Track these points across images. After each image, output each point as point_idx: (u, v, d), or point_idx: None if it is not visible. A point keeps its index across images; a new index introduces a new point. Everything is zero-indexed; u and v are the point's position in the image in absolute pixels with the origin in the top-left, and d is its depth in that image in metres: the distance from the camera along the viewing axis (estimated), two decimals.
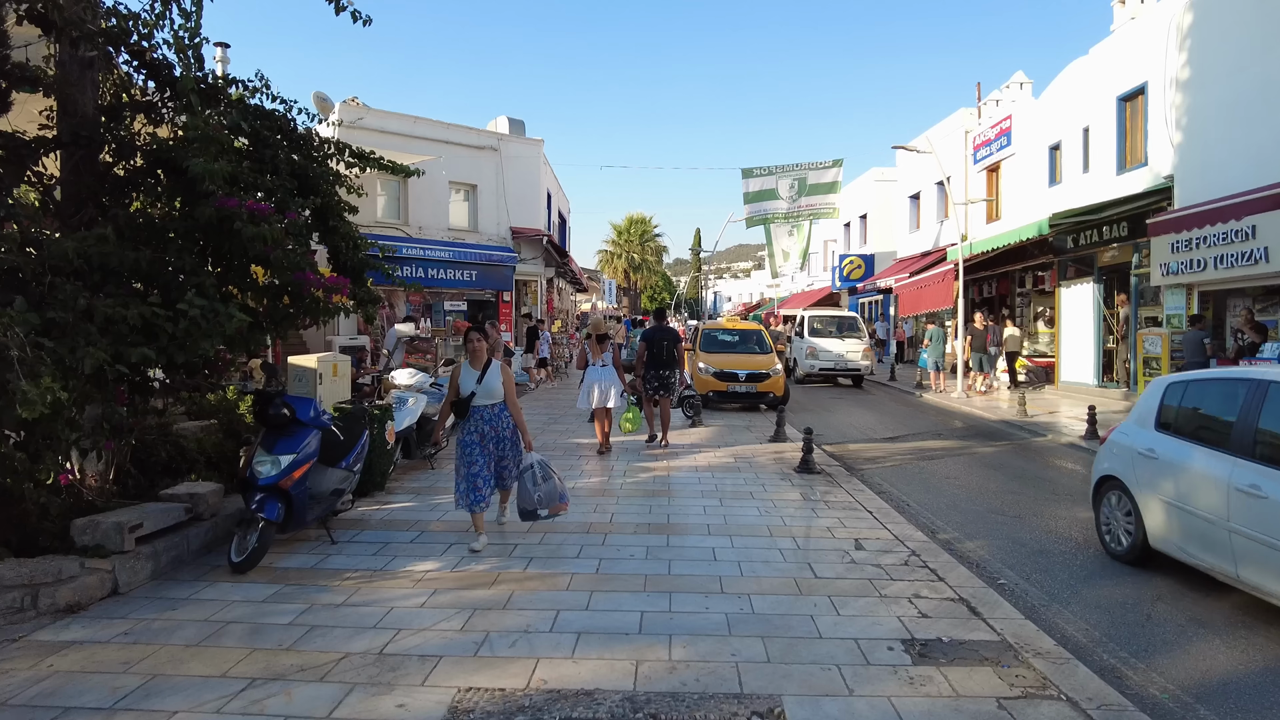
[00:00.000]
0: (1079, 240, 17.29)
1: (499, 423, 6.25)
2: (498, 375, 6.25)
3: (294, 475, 5.62)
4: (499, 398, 6.24)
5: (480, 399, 6.19)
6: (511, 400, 6.30)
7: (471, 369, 6.23)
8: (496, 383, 6.23)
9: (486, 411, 6.22)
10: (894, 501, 8.10)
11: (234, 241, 5.37)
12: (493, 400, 6.22)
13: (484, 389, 6.18)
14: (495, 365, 6.27)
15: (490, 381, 6.20)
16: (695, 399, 13.37)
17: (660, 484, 8.48)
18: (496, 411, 6.25)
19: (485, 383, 6.18)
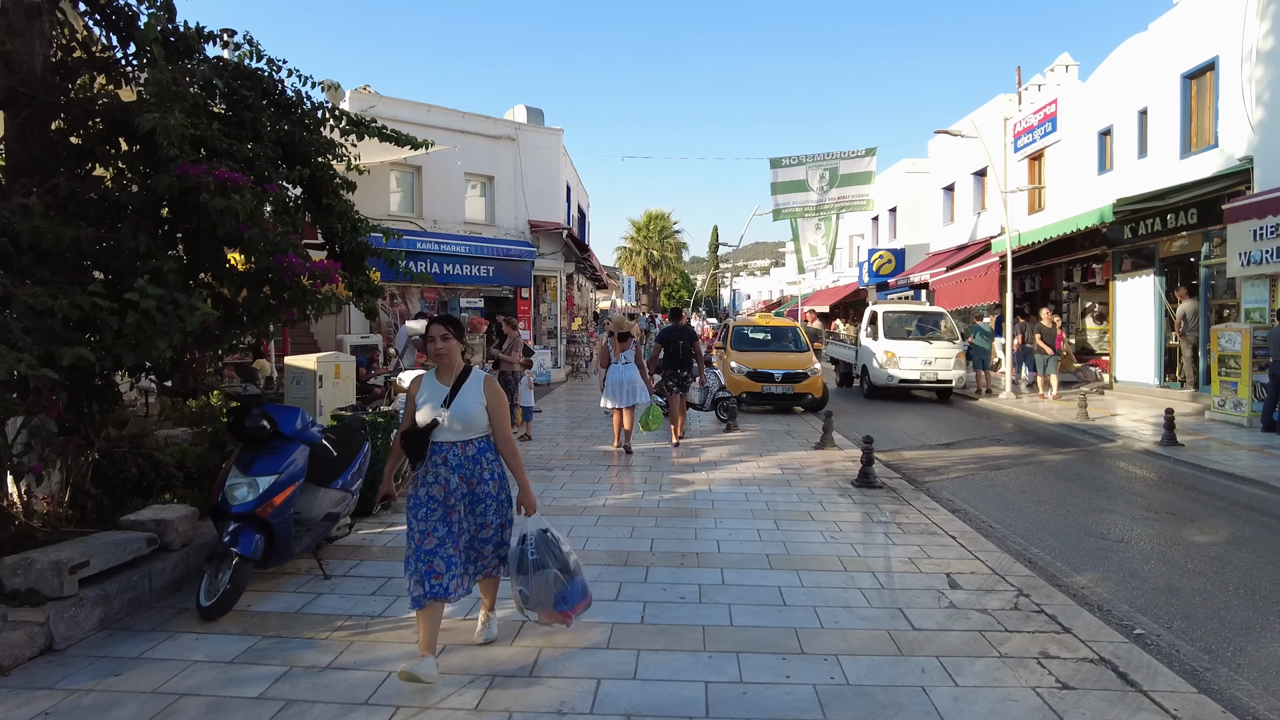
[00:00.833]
0: (1138, 230, 16.07)
1: (477, 470, 3.88)
2: (478, 393, 3.91)
3: (275, 501, 4.65)
4: (480, 429, 3.92)
5: (448, 431, 3.85)
6: (502, 432, 3.96)
7: (438, 382, 3.94)
8: (475, 404, 3.88)
9: (457, 452, 3.86)
10: (974, 522, 7.04)
11: (203, 218, 4.40)
12: (469, 434, 3.89)
13: (456, 414, 3.84)
14: (476, 377, 3.97)
15: (466, 403, 3.87)
16: (730, 402, 12.35)
17: (702, 501, 7.46)
18: (474, 453, 3.88)
19: (459, 404, 3.85)
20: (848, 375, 19.74)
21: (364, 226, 6.14)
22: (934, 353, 16.37)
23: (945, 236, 28.42)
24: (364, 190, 17.80)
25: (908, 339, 16.85)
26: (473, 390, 3.93)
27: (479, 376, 3.97)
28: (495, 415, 3.97)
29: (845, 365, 19.93)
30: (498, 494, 4.01)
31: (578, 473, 8.84)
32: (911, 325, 17.34)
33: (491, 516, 3.99)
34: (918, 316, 17.74)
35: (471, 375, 3.96)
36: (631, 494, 7.75)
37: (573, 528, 6.44)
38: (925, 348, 16.46)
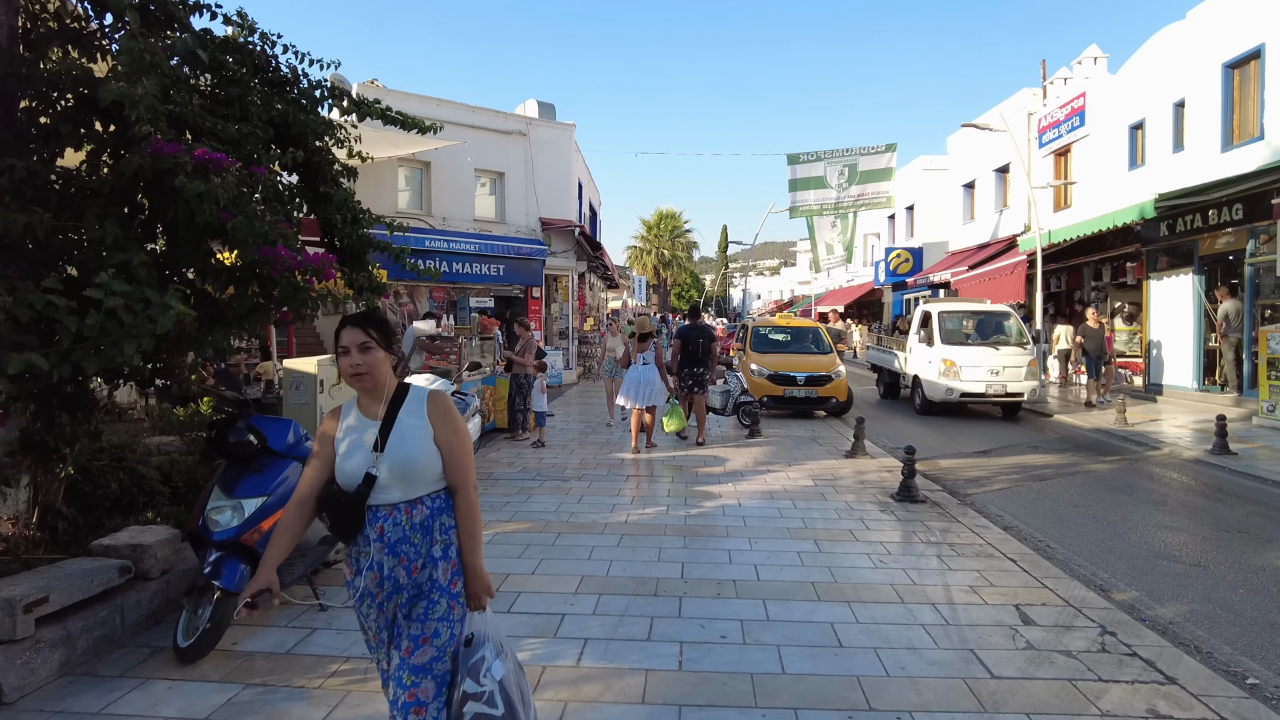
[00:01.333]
0: (1175, 227, 15.39)
1: (426, 545, 2.53)
2: (421, 424, 2.56)
3: (263, 526, 4.10)
4: (431, 480, 2.55)
5: (383, 490, 2.50)
6: (461, 478, 2.59)
7: (362, 415, 2.60)
8: (420, 443, 2.54)
9: (399, 520, 2.51)
10: (1031, 542, 6.43)
11: (180, 205, 3.86)
12: (416, 489, 2.53)
13: (393, 462, 2.50)
14: (416, 399, 2.60)
15: (407, 443, 2.53)
16: (754, 406, 11.76)
17: (733, 517, 6.88)
18: (424, 518, 2.53)
19: (397, 446, 2.51)
20: (894, 386, 16.97)
21: (366, 218, 5.59)
22: (1001, 360, 13.73)
23: (965, 235, 27.73)
24: (371, 187, 17.40)
25: (967, 344, 14.18)
26: (414, 421, 2.53)
27: (419, 397, 2.59)
28: (453, 453, 2.55)
29: (891, 375, 16.99)
30: (448, 583, 2.52)
31: (595, 484, 8.28)
32: (971, 327, 14.71)
33: (439, 624, 2.47)
34: (979, 317, 14.94)
35: (410, 398, 2.58)
36: (655, 508, 7.18)
37: (594, 549, 5.88)
38: (991, 355, 13.79)
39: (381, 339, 2.57)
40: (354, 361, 2.53)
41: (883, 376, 17.76)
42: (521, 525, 6.56)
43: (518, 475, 8.67)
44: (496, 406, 11.73)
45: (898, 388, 16.76)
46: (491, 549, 5.87)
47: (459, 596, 2.56)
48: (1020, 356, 13.92)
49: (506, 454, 10.02)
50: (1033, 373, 13.95)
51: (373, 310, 3.85)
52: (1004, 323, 14.83)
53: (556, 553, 5.79)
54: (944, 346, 14.07)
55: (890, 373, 16.99)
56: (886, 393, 17.40)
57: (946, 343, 14.15)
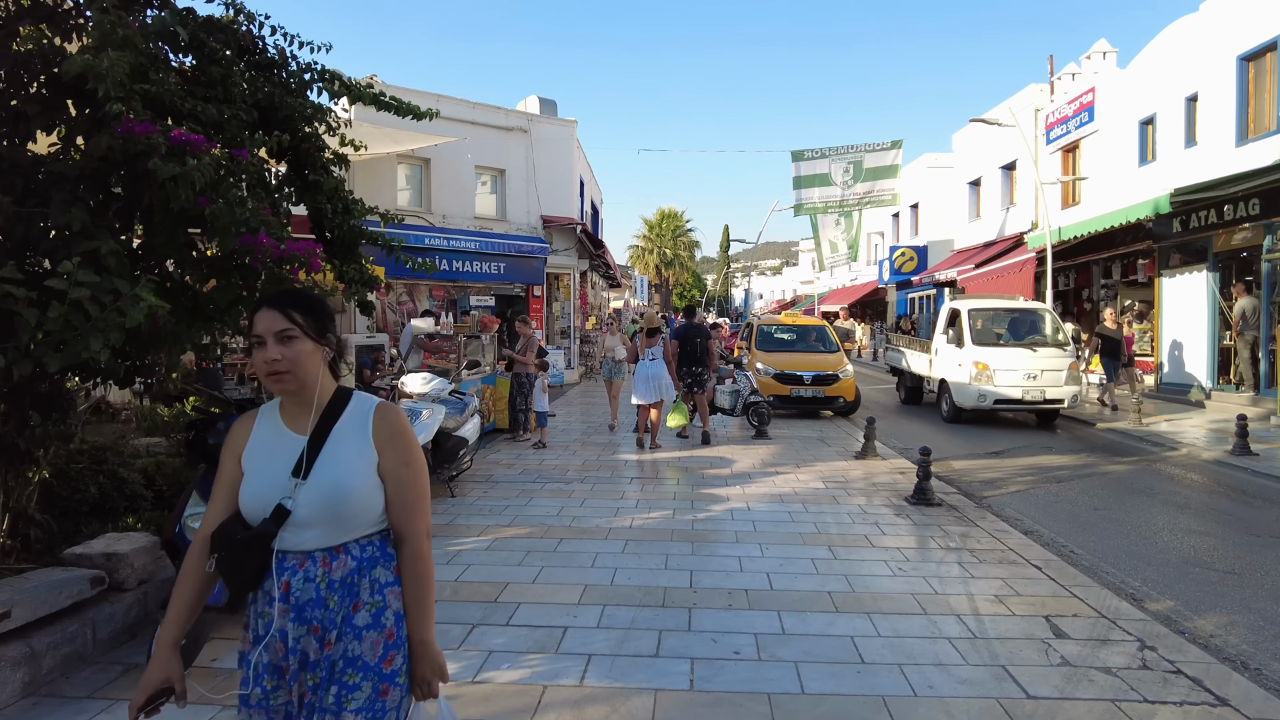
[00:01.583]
0: (1189, 223, 15.08)
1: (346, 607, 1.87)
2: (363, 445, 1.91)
3: None
4: (367, 521, 1.91)
5: (298, 529, 1.84)
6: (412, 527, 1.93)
7: (284, 427, 1.94)
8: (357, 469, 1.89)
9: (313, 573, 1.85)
10: (1054, 547, 6.15)
11: (155, 190, 3.59)
12: (342, 532, 1.88)
13: (318, 493, 1.85)
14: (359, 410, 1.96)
15: (337, 467, 1.87)
16: (763, 406, 11.49)
17: (742, 521, 6.60)
18: (348, 573, 1.87)
19: (325, 471, 1.86)
20: (916, 391, 15.58)
21: (358, 208, 5.32)
22: (1039, 363, 12.37)
23: (971, 233, 27.44)
24: (370, 184, 17.13)
25: (1001, 345, 12.76)
26: (353, 440, 1.90)
27: (363, 409, 1.95)
28: (402, 488, 1.90)
29: (914, 378, 15.51)
30: (378, 661, 1.85)
31: (598, 486, 8.01)
32: (1003, 326, 13.32)
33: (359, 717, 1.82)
34: (1012, 315, 13.51)
35: (351, 410, 1.94)
36: (661, 512, 6.90)
37: (597, 555, 5.61)
38: (1028, 357, 12.40)
39: (311, 325, 1.88)
40: (270, 357, 1.82)
41: (904, 380, 16.21)
42: (521, 530, 6.29)
43: (518, 477, 8.40)
44: (497, 406, 11.46)
45: (920, 392, 15.49)
46: (490, 556, 5.61)
47: (396, 678, 1.86)
48: (1060, 359, 12.52)
49: (507, 455, 9.75)
50: (1074, 377, 12.57)
51: (300, 289, 2.90)
52: (1040, 321, 13.39)
53: (558, 560, 5.51)
54: (975, 348, 12.61)
55: (913, 376, 15.51)
56: (908, 398, 15.86)
57: (978, 343, 12.67)
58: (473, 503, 7.21)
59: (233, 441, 1.98)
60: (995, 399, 12.27)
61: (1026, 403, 12.42)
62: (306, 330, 1.88)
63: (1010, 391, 12.26)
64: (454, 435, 7.51)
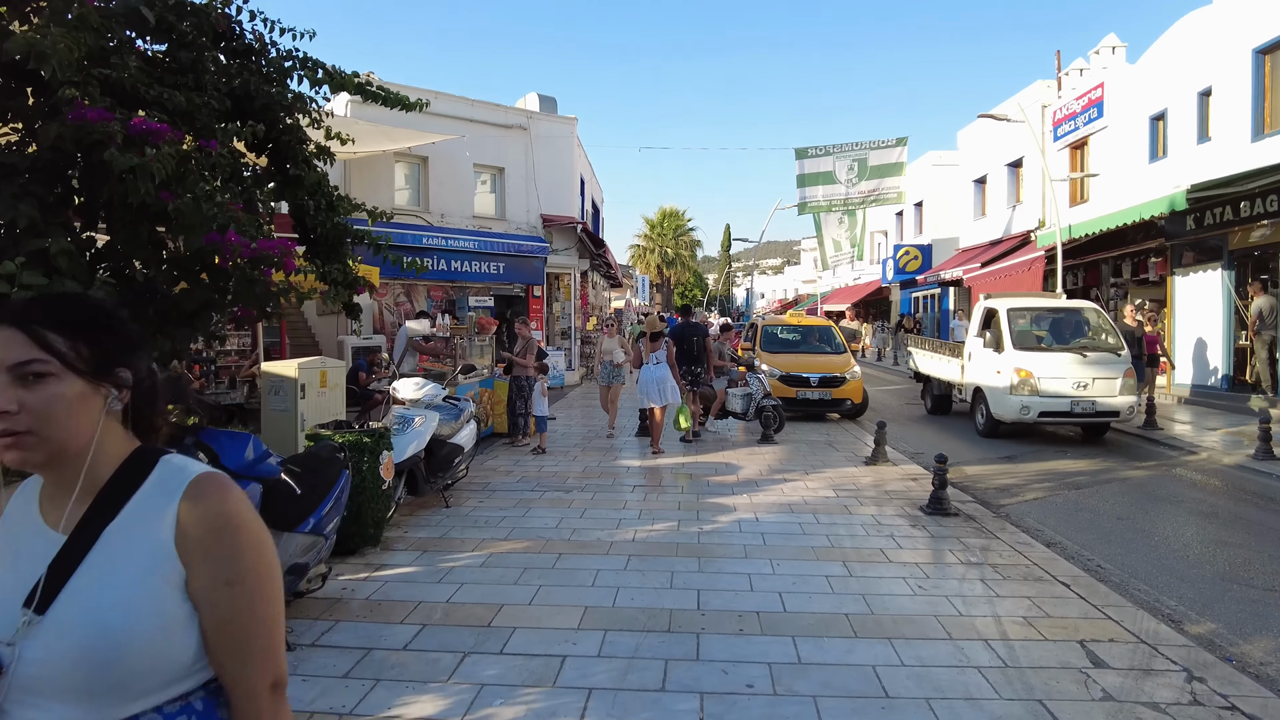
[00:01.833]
0: (1204, 220, 14.75)
1: None
2: (156, 565, 1.13)
3: None
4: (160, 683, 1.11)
5: (31, 699, 1.06)
6: (244, 677, 1.16)
7: (38, 514, 1.18)
8: (137, 604, 1.10)
9: None
10: (1079, 561, 5.83)
11: (114, 183, 3.28)
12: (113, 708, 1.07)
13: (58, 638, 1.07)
14: (159, 496, 1.17)
15: (105, 598, 1.09)
16: (777, 410, 11.20)
17: (750, 534, 6.28)
18: None
19: (74, 604, 1.09)
20: (944, 400, 14.06)
21: (343, 205, 5.00)
22: (1090, 370, 10.77)
23: (976, 231, 27.10)
24: (367, 183, 16.81)
25: (1044, 349, 11.25)
26: (139, 543, 1.15)
27: (170, 487, 1.18)
28: (228, 620, 1.16)
29: (942, 385, 13.90)
30: None
31: (599, 494, 7.70)
32: (1047, 328, 11.78)
33: None
34: (1055, 315, 11.94)
35: (148, 488, 1.18)
36: (665, 524, 6.59)
37: (598, 573, 5.29)
38: (1077, 363, 10.85)
39: (79, 353, 1.16)
40: None
41: (930, 387, 14.57)
42: (519, 544, 5.98)
43: (516, 485, 8.08)
44: (495, 410, 11.15)
45: (949, 401, 14.03)
46: (485, 573, 5.29)
47: None
48: (1114, 365, 10.87)
49: (505, 461, 9.44)
50: (1129, 385, 10.85)
51: (70, 294, 1.73)
52: (1088, 322, 11.77)
53: (557, 578, 5.20)
54: (1017, 353, 11.04)
55: (941, 383, 13.92)
56: (936, 407, 14.25)
57: (1019, 347, 11.13)
58: (468, 514, 6.90)
59: None
60: (1040, 411, 10.70)
61: (1076, 415, 10.83)
62: (70, 361, 1.14)
63: (1057, 403, 10.71)
64: (449, 443, 7.19)
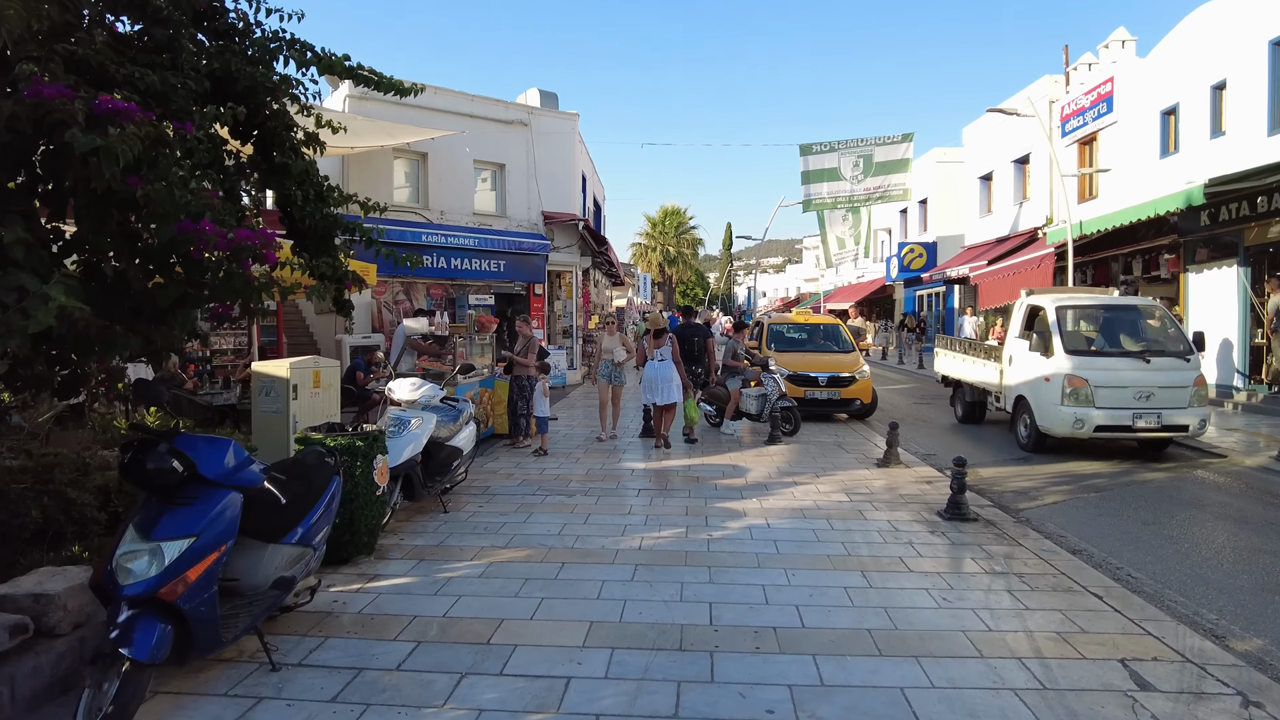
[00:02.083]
0: (1218, 215, 14.47)
1: None
2: None
3: (188, 576, 3.24)
4: None
5: None
6: None
7: None
8: None
9: None
10: (1108, 570, 5.55)
11: (76, 167, 3.00)
12: None
13: None
14: None
15: None
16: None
17: (762, 541, 6.00)
18: None
19: None
20: (977, 407, 12.66)
21: (333, 196, 4.73)
22: (1155, 377, 9.35)
23: (982, 229, 26.82)
24: (366, 179, 16.51)
25: (1097, 352, 9.85)
26: None
27: None
28: None
29: (975, 392, 12.50)
30: None
31: (603, 499, 7.42)
32: (1100, 328, 10.36)
33: None
34: (1112, 314, 10.51)
35: None
36: (672, 530, 6.30)
37: (604, 584, 5.01)
38: (1140, 370, 9.39)
39: None
40: None
41: (961, 394, 13.12)
42: (520, 553, 5.70)
43: (517, 489, 7.81)
44: (496, 410, 10.87)
45: (983, 409, 12.63)
46: (484, 585, 5.01)
47: None
48: (1183, 372, 9.49)
49: (506, 463, 9.16)
50: (1200, 396, 9.50)
51: None
52: (1149, 321, 10.25)
53: (560, 589, 4.92)
54: (1069, 357, 9.65)
55: (974, 389, 12.47)
56: (967, 415, 12.88)
57: (1072, 351, 9.74)
58: (467, 519, 6.62)
59: None
60: (1096, 425, 9.28)
61: (1139, 430, 9.38)
62: None
63: (1117, 416, 9.28)
64: (447, 445, 6.92)
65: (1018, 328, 11.03)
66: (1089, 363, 9.64)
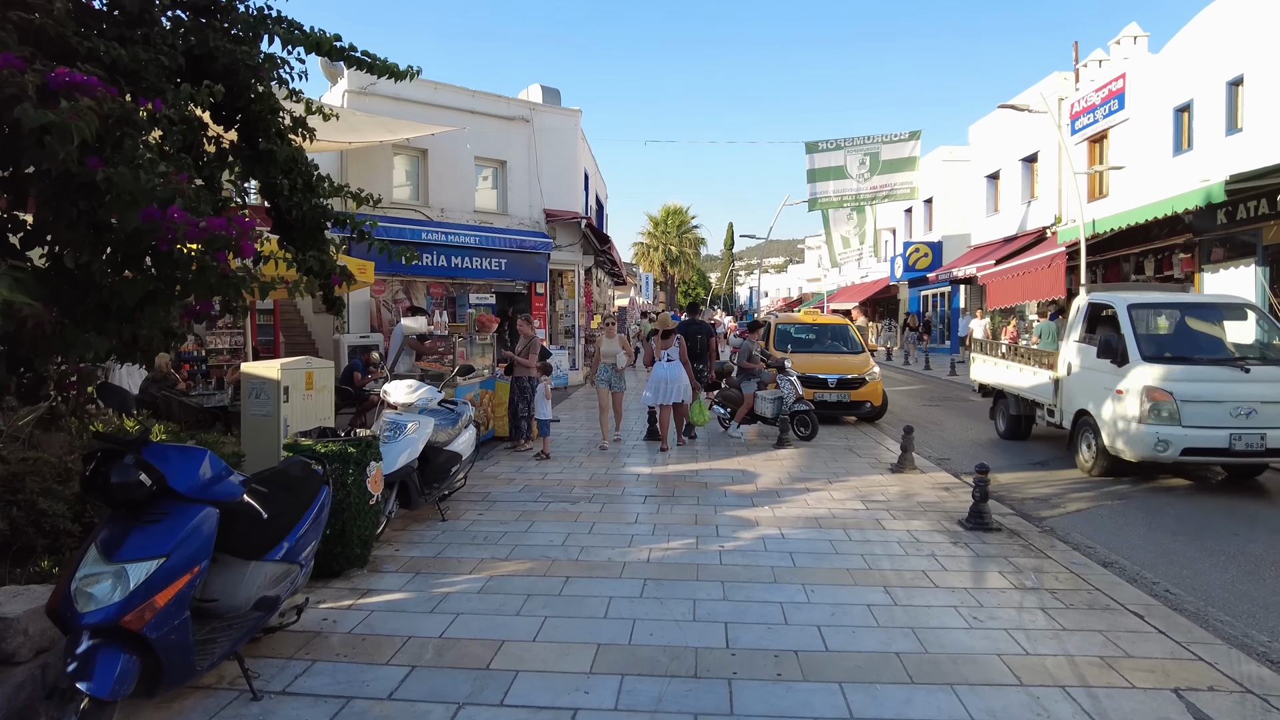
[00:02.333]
0: (1235, 214, 14.16)
1: None
2: None
3: (156, 601, 2.94)
4: None
5: None
6: None
7: None
8: None
9: None
10: (1145, 585, 5.24)
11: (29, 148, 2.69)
12: None
13: None
14: None
15: None
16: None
17: (777, 553, 5.69)
18: None
19: None
20: (1023, 422, 10.96)
21: (322, 186, 4.42)
22: (1257, 390, 7.77)
23: (989, 228, 26.50)
24: (365, 176, 16.18)
25: (1181, 360, 8.17)
26: None
27: None
28: None
29: (1023, 404, 10.78)
30: None
31: (608, 506, 7.11)
32: (1174, 329, 9.16)
33: None
34: (1195, 312, 9.17)
35: None
36: (681, 540, 5.99)
37: (611, 600, 4.70)
38: (1238, 381, 7.85)
39: None
40: None
41: (1004, 405, 11.38)
42: (521, 565, 5.39)
43: (519, 495, 7.50)
44: (497, 412, 10.56)
45: (1029, 422, 10.91)
46: (484, 601, 4.71)
47: None
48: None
49: (507, 468, 8.85)
50: None
51: None
52: (1239, 323, 8.89)
53: (564, 607, 4.61)
54: (1148, 365, 8.06)
55: (1021, 401, 10.74)
56: (1011, 430, 11.13)
57: (1151, 358, 8.14)
58: (466, 528, 6.31)
59: None
60: (1184, 448, 7.73)
61: (1237, 454, 7.73)
62: None
63: (1210, 437, 7.68)
64: (445, 450, 6.61)
65: (1079, 330, 9.63)
66: (1175, 372, 7.93)
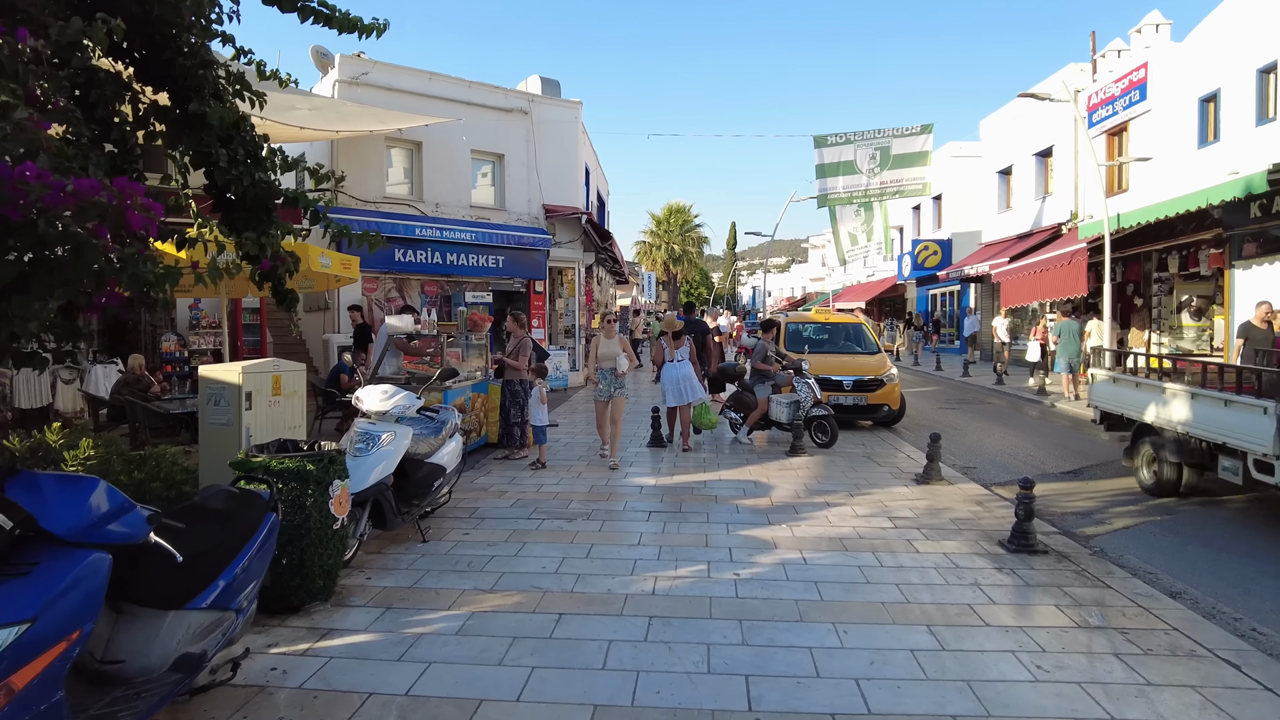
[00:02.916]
0: (1271, 207, 13.42)
1: None
2: None
3: (13, 682, 2.25)
4: None
5: None
6: None
7: None
8: None
9: None
10: (1227, 623, 4.54)
11: None
12: None
13: None
14: None
15: None
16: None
17: (800, 582, 5.00)
18: None
19: None
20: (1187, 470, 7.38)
21: (272, 160, 3.73)
22: None
23: (1001, 225, 25.77)
24: (357, 169, 15.47)
25: None
26: None
27: None
28: None
29: (1186, 450, 7.26)
30: None
31: (608, 524, 6.43)
32: None
33: None
34: None
35: None
36: (691, 566, 5.31)
37: (610, 645, 4.01)
38: None
39: None
40: None
41: (1158, 446, 7.66)
42: (508, 599, 4.70)
43: (510, 510, 6.82)
44: (490, 417, 9.88)
45: (1196, 472, 7.40)
46: (461, 647, 4.02)
47: None
48: None
49: (499, 478, 8.17)
50: None
51: None
52: None
53: (556, 654, 3.92)
54: None
55: (1183, 443, 7.27)
56: (1167, 484, 7.57)
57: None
58: (449, 551, 5.63)
59: None
60: None
61: None
62: None
63: None
64: (426, 463, 5.93)
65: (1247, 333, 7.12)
66: None
